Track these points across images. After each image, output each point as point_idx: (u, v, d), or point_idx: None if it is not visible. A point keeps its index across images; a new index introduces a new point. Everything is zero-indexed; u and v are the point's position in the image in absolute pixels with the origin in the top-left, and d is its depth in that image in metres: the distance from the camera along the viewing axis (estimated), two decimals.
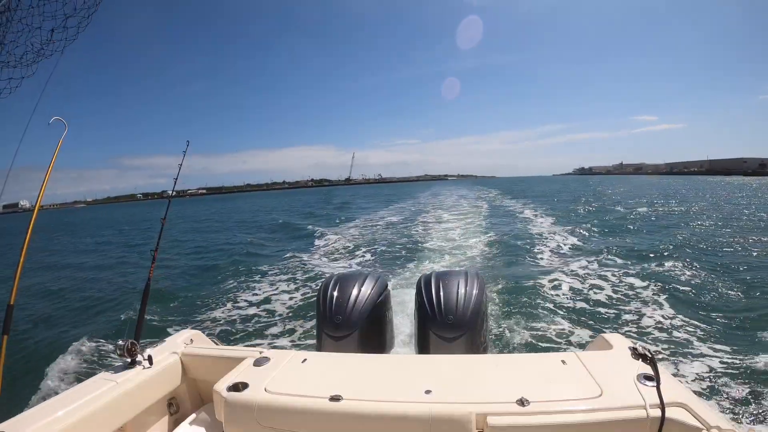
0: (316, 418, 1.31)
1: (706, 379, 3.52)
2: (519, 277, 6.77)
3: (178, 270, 9.79)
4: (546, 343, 4.39)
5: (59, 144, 1.75)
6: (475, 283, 2.17)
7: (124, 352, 1.66)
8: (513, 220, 15.51)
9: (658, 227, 12.21)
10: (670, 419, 1.14)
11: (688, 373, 3.64)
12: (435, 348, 2.03)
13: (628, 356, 1.38)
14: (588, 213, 17.21)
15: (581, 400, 1.24)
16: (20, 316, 6.62)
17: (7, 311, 1.50)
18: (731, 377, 3.53)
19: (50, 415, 1.34)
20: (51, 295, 8.53)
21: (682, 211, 16.93)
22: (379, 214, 21.77)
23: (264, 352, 1.73)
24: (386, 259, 9.08)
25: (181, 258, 11.60)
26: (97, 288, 8.88)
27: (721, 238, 10.23)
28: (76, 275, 10.84)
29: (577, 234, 11.23)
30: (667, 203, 21.59)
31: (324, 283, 2.35)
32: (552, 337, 4.51)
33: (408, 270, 7.63)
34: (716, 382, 3.47)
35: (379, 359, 1.71)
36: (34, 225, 1.62)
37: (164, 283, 8.19)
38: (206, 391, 1.90)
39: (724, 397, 3.25)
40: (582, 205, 20.97)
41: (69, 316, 6.89)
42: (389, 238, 11.93)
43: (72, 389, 1.53)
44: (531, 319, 4.93)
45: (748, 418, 2.98)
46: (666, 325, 4.72)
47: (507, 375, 1.43)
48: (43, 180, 1.71)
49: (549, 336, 4.54)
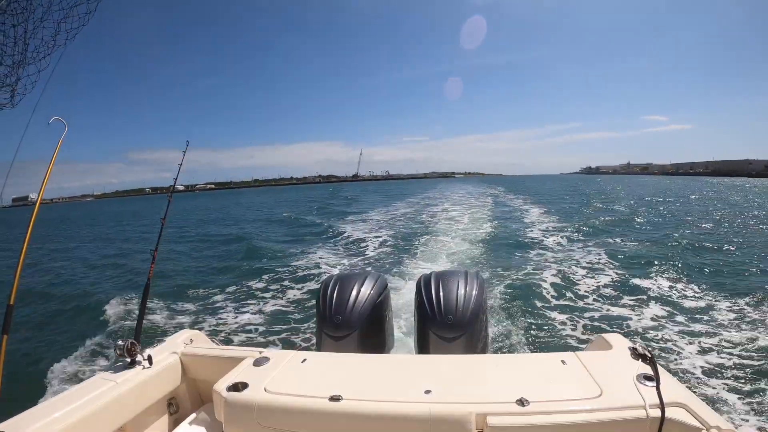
0: (316, 418, 1.31)
1: (706, 379, 3.52)
2: (519, 277, 6.77)
3: (179, 270, 9.78)
4: (546, 343, 4.39)
5: (59, 144, 1.75)
6: (475, 283, 2.17)
7: (123, 352, 1.66)
8: (513, 219, 15.51)
9: (659, 227, 12.22)
10: (669, 419, 1.14)
11: (688, 373, 3.64)
12: (435, 348, 2.03)
13: (627, 356, 1.38)
14: (588, 212, 17.22)
15: (581, 400, 1.24)
16: (20, 316, 6.62)
17: (7, 311, 1.50)
18: (732, 377, 3.53)
19: (50, 415, 1.34)
20: (51, 295, 8.52)
21: (682, 210, 16.95)
22: (385, 209, 21.99)
23: (264, 352, 1.73)
24: (386, 258, 9.08)
25: (181, 258, 11.60)
26: (97, 288, 8.87)
27: (722, 237, 10.24)
28: (77, 275, 10.84)
29: (577, 233, 11.23)
30: (665, 203, 21.60)
31: (324, 283, 2.35)
32: (552, 337, 4.52)
33: (408, 270, 7.64)
34: (716, 382, 3.47)
35: (379, 359, 1.71)
36: (33, 226, 1.62)
37: (164, 282, 8.19)
38: (206, 391, 1.90)
39: (724, 397, 3.26)
40: (582, 204, 20.99)
41: (69, 316, 6.89)
42: (392, 235, 11.93)
43: (72, 389, 1.53)
44: (531, 319, 4.93)
45: (748, 418, 2.98)
46: (666, 325, 4.72)
47: (507, 375, 1.43)
48: (43, 179, 1.71)
49: (549, 336, 4.54)
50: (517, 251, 9.13)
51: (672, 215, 15.73)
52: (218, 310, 6.21)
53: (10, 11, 1.85)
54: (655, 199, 24.92)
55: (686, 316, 4.94)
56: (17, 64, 1.92)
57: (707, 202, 22.80)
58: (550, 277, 6.69)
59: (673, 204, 20.95)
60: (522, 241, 10.47)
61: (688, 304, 5.39)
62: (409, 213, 19.83)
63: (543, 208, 19.79)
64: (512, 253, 8.92)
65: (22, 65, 1.92)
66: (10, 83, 1.92)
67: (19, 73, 1.93)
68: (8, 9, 1.84)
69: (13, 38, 1.88)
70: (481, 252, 9.08)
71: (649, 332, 4.56)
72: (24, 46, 1.92)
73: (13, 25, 1.87)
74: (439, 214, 17.81)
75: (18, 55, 1.92)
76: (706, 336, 4.38)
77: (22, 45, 1.92)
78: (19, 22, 1.88)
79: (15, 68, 1.93)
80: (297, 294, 6.69)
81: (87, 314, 6.86)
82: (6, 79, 1.91)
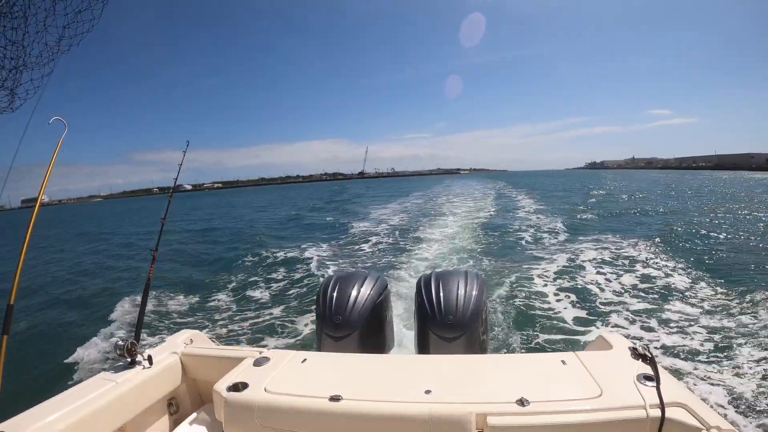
0: (316, 418, 1.31)
1: (706, 380, 3.52)
2: (519, 276, 6.76)
3: (179, 269, 9.78)
4: (546, 343, 4.39)
5: (59, 144, 1.75)
6: (475, 283, 2.17)
7: (123, 352, 1.66)
8: (513, 219, 15.51)
9: (660, 227, 12.20)
10: (669, 419, 1.14)
11: (688, 373, 3.64)
12: (435, 348, 2.04)
13: (627, 356, 1.39)
14: (589, 211, 17.20)
15: (581, 400, 1.24)
16: (20, 316, 6.63)
17: (7, 311, 1.50)
18: (732, 377, 3.53)
19: (50, 415, 1.34)
20: (51, 295, 8.53)
21: (682, 209, 16.94)
22: (390, 207, 22.25)
23: (264, 352, 1.73)
24: (387, 258, 9.07)
25: (181, 257, 11.60)
26: (97, 287, 8.88)
27: (723, 236, 10.24)
28: (77, 274, 10.84)
29: (577, 232, 11.23)
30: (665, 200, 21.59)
31: (324, 283, 2.35)
32: (552, 337, 4.52)
33: (408, 269, 7.63)
34: (716, 382, 3.47)
35: (379, 359, 1.71)
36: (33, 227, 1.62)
37: (164, 282, 8.20)
38: (206, 391, 1.90)
39: (724, 397, 3.26)
40: (583, 202, 20.99)
41: (69, 316, 6.90)
42: (394, 234, 11.93)
43: (72, 389, 1.53)
44: (531, 319, 4.93)
45: (748, 418, 2.98)
46: (666, 324, 4.72)
47: (507, 375, 1.44)
48: (43, 180, 1.71)
49: (549, 336, 4.54)
50: (518, 251, 9.13)
51: (674, 214, 15.73)
52: (218, 310, 6.21)
53: (6, 14, 1.84)
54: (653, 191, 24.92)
55: (687, 315, 4.94)
56: (15, 68, 1.92)
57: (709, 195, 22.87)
58: (550, 276, 6.69)
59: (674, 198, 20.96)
60: (522, 240, 10.47)
61: (688, 303, 5.39)
62: (414, 209, 20.10)
63: (542, 205, 19.81)
64: (513, 252, 8.92)
65: (22, 69, 1.92)
66: (8, 86, 1.92)
67: (18, 77, 1.92)
68: (7, 12, 1.84)
69: (11, 42, 1.88)
70: (482, 252, 9.08)
71: (649, 332, 4.56)
72: (22, 50, 1.92)
73: (12, 27, 1.86)
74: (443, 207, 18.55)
75: (17, 60, 1.91)
76: (707, 335, 4.37)
77: (20, 49, 1.91)
78: (17, 26, 1.87)
79: (13, 72, 1.92)
80: (297, 294, 6.69)
81: (87, 314, 6.87)
82: (5, 83, 1.91)
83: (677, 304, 5.35)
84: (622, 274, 6.79)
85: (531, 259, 8.35)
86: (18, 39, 1.89)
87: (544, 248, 9.39)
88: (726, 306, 5.29)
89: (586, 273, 6.91)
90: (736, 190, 27.81)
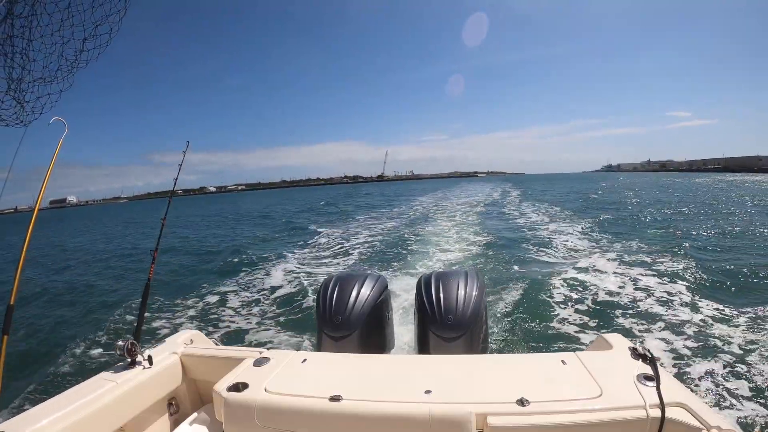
0: (316, 419, 1.31)
1: (706, 380, 3.52)
2: (519, 277, 6.76)
3: (179, 270, 9.78)
4: (546, 343, 4.38)
5: (59, 144, 1.75)
6: (475, 284, 2.17)
7: (124, 353, 1.66)
8: (513, 218, 15.51)
9: (660, 226, 12.21)
10: (670, 419, 1.14)
11: (688, 373, 3.64)
12: (435, 348, 2.04)
13: (628, 356, 1.39)
14: (589, 211, 17.20)
15: (581, 400, 1.24)
16: (20, 316, 6.63)
17: (7, 311, 1.50)
18: (732, 377, 3.52)
19: (50, 415, 1.35)
20: (51, 295, 8.53)
21: (682, 210, 16.93)
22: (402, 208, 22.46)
23: (264, 352, 1.73)
24: (387, 257, 9.07)
25: (182, 257, 11.59)
26: (97, 287, 8.88)
27: (723, 236, 10.24)
28: (76, 274, 10.84)
29: (578, 233, 11.23)
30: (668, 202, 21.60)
31: (324, 284, 2.35)
32: (552, 337, 4.51)
33: (408, 269, 7.63)
34: (717, 382, 3.47)
35: (379, 359, 1.71)
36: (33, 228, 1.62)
37: (164, 283, 8.19)
38: (206, 392, 1.90)
39: (724, 397, 3.25)
40: (585, 203, 21.00)
41: (69, 316, 6.89)
42: (394, 235, 11.93)
43: (72, 389, 1.53)
44: (531, 319, 4.93)
45: (748, 418, 2.98)
46: (666, 325, 4.71)
47: (507, 375, 1.44)
48: (43, 180, 1.71)
49: (549, 336, 4.54)
50: (518, 251, 9.12)
51: (674, 214, 15.72)
52: (218, 311, 6.21)
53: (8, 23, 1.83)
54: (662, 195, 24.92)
55: (687, 315, 4.93)
56: (19, 79, 1.91)
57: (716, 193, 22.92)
58: (550, 276, 6.69)
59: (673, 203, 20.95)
60: (523, 240, 10.46)
61: (688, 303, 5.38)
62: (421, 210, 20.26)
63: (544, 206, 19.81)
64: (513, 252, 8.91)
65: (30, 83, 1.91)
66: (18, 98, 1.91)
67: (22, 87, 1.91)
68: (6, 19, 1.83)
69: (11, 53, 1.87)
70: (481, 251, 9.08)
71: (649, 332, 4.55)
72: (26, 60, 1.90)
73: (9, 36, 1.85)
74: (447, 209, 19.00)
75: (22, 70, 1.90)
76: (707, 335, 4.37)
77: (22, 59, 1.90)
78: (18, 34, 1.86)
79: (17, 82, 1.91)
80: (297, 294, 6.68)
81: (87, 314, 6.86)
82: (14, 94, 1.90)
83: (677, 304, 5.34)
84: (623, 274, 6.78)
85: (531, 259, 8.34)
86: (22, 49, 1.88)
87: (544, 249, 9.39)
88: (726, 306, 5.28)
89: (586, 273, 6.91)
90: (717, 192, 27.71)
